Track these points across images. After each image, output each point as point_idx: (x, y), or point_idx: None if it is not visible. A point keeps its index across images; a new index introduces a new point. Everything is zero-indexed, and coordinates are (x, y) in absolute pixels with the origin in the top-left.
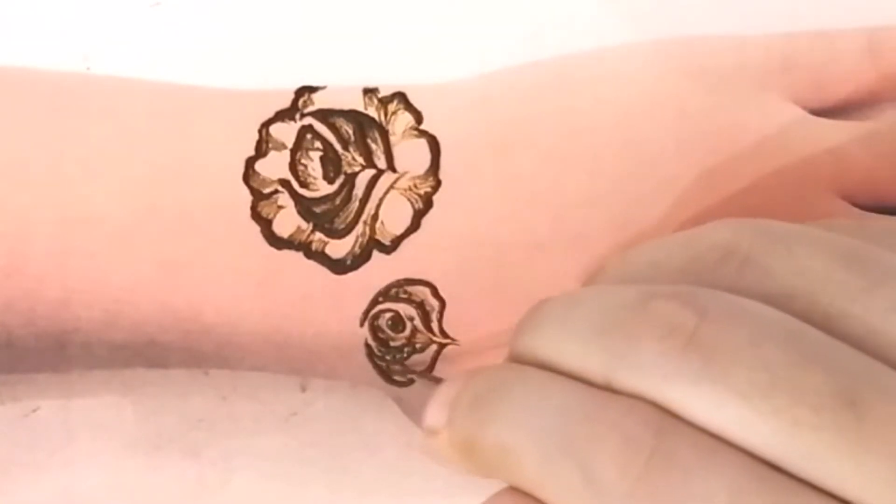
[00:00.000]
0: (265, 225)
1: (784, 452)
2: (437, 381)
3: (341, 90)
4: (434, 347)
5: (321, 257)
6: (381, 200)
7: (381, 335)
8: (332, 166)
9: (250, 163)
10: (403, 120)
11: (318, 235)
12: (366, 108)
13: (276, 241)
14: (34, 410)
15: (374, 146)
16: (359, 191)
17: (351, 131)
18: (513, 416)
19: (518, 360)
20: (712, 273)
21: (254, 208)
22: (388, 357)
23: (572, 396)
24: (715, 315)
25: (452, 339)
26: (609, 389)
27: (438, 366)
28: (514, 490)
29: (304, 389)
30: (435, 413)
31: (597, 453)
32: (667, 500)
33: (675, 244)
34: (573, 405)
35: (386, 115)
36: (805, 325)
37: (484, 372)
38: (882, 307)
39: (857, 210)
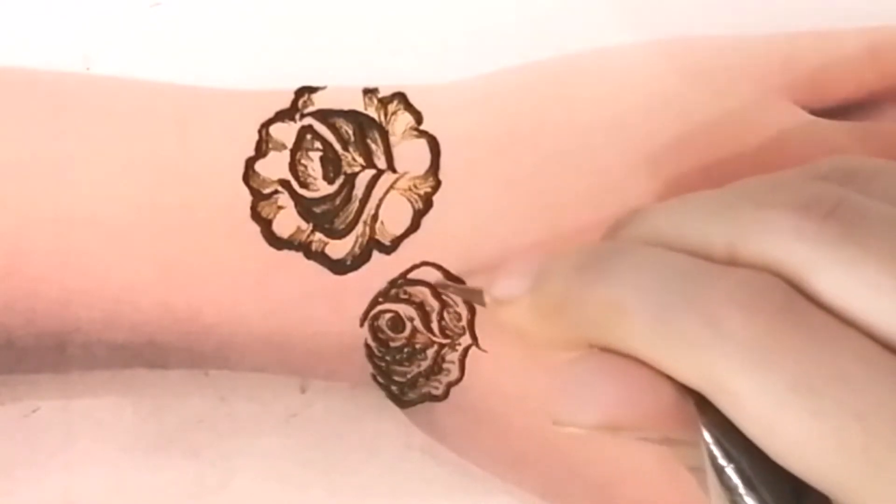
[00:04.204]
0: (265, 225)
1: None
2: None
3: (341, 90)
4: (434, 348)
5: (321, 257)
6: (381, 201)
7: (380, 335)
8: (332, 166)
9: (250, 163)
10: (403, 120)
11: (318, 235)
12: (366, 109)
13: (276, 242)
14: (34, 411)
15: (374, 146)
16: (359, 191)
17: (351, 131)
18: (626, 274)
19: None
20: (839, 183)
21: (254, 208)
22: (387, 357)
23: (692, 261)
24: (854, 200)
25: (452, 340)
26: (731, 260)
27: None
28: (604, 350)
29: (303, 390)
30: (509, 282)
31: (723, 303)
32: (790, 355)
33: (788, 172)
34: (695, 267)
35: (386, 115)
36: None
37: (585, 246)
38: None
39: None
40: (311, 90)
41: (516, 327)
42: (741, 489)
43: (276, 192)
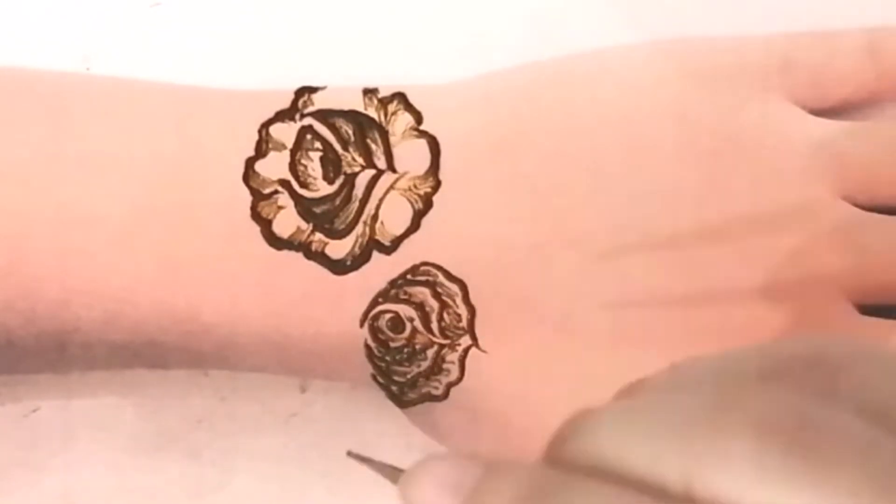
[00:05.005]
0: (265, 225)
1: None
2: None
3: (341, 90)
4: (434, 348)
5: (321, 257)
6: (380, 201)
7: (380, 336)
8: (332, 166)
9: (250, 163)
10: (403, 120)
11: (318, 236)
12: (366, 109)
13: (276, 242)
14: (34, 410)
15: (374, 146)
16: (359, 191)
17: (351, 131)
18: None
19: (563, 466)
20: (800, 380)
21: (254, 208)
22: (387, 358)
23: None
24: (817, 419)
25: (452, 340)
26: (688, 500)
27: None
28: None
29: (303, 390)
30: (435, 496)
31: None
32: None
33: (745, 353)
34: None
35: (386, 115)
36: None
37: (524, 472)
38: None
39: (857, 210)
40: (311, 90)
41: None
42: None
43: (276, 192)
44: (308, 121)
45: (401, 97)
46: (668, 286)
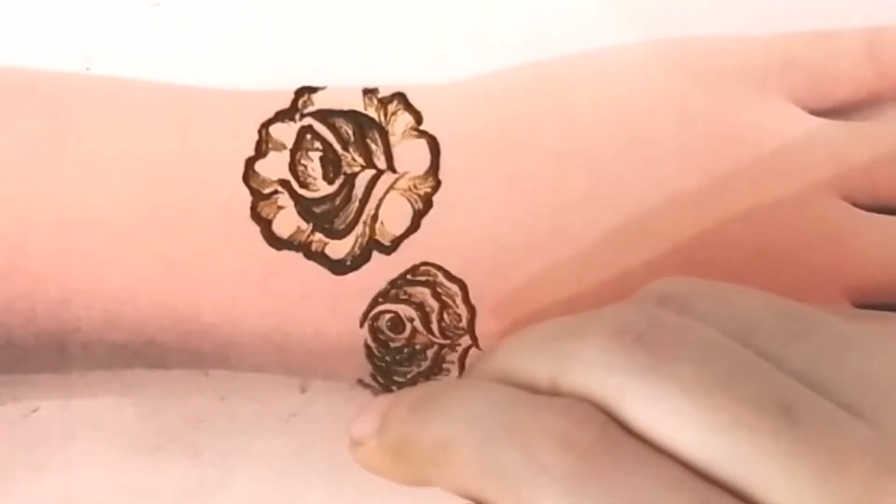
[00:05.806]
0: (265, 225)
1: (717, 452)
2: None
3: (341, 90)
4: (434, 349)
5: (321, 258)
6: (380, 201)
7: (380, 336)
8: (332, 167)
9: (250, 163)
10: (403, 120)
11: (318, 236)
12: (366, 109)
13: (275, 242)
14: (34, 410)
15: (373, 146)
16: (358, 191)
17: (351, 132)
18: (454, 411)
19: None
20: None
21: (254, 208)
22: (387, 358)
23: (516, 394)
24: (664, 322)
25: (452, 341)
26: (553, 391)
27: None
28: None
29: (303, 390)
30: (362, 423)
31: (540, 434)
32: (602, 485)
33: (618, 303)
34: (517, 400)
35: (386, 115)
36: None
37: (418, 386)
38: (810, 352)
39: (857, 210)
40: (311, 90)
41: (371, 469)
42: None
43: (276, 192)
44: (308, 121)
45: (401, 97)
46: None
